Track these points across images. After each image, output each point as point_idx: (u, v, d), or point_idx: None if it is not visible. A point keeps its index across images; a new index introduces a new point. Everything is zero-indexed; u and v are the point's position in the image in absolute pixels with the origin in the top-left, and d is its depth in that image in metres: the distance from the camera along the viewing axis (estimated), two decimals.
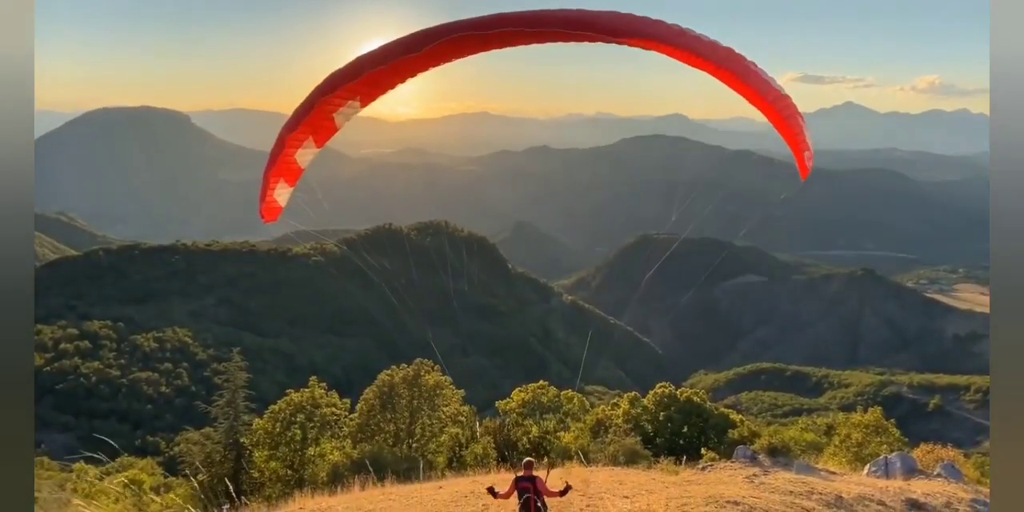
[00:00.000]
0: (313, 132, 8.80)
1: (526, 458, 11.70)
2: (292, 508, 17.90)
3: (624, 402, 37.08)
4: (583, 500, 15.24)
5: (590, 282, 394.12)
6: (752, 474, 18.57)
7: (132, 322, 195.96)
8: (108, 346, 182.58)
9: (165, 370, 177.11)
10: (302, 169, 9.03)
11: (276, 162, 8.75)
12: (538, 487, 10.89)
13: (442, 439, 33.04)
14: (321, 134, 8.90)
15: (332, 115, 8.77)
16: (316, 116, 8.63)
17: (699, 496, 14.36)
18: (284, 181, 8.98)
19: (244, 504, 21.97)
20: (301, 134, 8.72)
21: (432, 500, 16.22)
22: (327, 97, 8.46)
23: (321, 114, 8.63)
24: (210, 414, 32.33)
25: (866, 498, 16.46)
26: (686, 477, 19.14)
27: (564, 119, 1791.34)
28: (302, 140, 8.79)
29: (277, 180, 8.89)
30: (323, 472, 28.23)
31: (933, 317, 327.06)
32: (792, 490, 16.26)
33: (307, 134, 8.76)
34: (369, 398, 33.91)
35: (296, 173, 9.02)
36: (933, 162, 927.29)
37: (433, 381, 34.62)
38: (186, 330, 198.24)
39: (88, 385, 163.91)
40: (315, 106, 8.48)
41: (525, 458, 11.74)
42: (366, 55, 8.37)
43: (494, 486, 12.01)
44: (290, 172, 8.90)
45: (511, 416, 36.50)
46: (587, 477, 18.36)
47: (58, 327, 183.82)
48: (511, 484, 11.24)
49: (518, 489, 11.05)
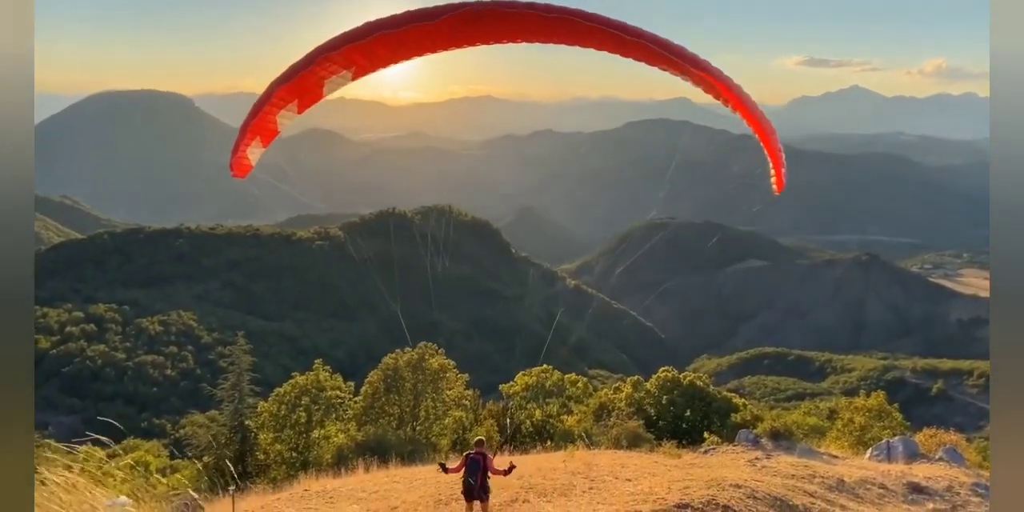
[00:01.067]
0: (300, 95, 8.51)
1: (478, 437, 12.49)
2: (297, 490, 18.03)
3: (627, 386, 37.21)
4: (586, 482, 15.31)
5: (593, 266, 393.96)
6: (754, 458, 18.64)
7: (137, 305, 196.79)
8: (113, 329, 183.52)
9: (170, 353, 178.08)
10: (278, 131, 8.70)
11: (257, 117, 8.41)
12: (485, 464, 11.37)
13: (446, 422, 33.23)
14: (306, 99, 8.62)
15: (324, 81, 8.51)
16: (308, 78, 8.37)
17: (701, 479, 14.42)
18: (260, 139, 8.63)
19: (249, 486, 22.16)
20: (288, 94, 8.44)
21: (436, 482, 16.31)
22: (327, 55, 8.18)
23: (313, 78, 8.36)
24: (215, 397, 32.56)
25: (868, 482, 16.52)
26: (688, 460, 19.23)
27: (569, 103, 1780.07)
28: (288, 101, 8.51)
29: (254, 137, 8.54)
30: (328, 454, 28.42)
31: (937, 302, 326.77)
32: (794, 474, 16.32)
33: (294, 96, 8.49)
34: (374, 381, 34.07)
35: (272, 134, 8.69)
36: (939, 146, 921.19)
37: (437, 364, 34.76)
38: (191, 313, 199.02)
39: (94, 368, 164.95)
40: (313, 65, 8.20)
41: (477, 437, 12.57)
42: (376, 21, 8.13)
43: (444, 462, 12.64)
44: (267, 132, 8.57)
45: (515, 399, 36.67)
46: (590, 460, 18.46)
47: (64, 310, 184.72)
48: (462, 459, 11.70)
49: (467, 464, 11.46)
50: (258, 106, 8.45)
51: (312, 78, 8.32)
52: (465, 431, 31.55)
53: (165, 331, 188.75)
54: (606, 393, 37.83)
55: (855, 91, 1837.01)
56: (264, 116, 8.46)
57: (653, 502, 12.87)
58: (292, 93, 8.45)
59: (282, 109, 8.48)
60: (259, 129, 8.49)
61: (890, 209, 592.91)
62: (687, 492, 13.40)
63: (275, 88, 8.44)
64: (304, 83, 8.36)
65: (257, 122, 8.41)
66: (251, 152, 8.60)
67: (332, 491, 17.15)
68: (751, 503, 13.38)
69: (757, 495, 13.81)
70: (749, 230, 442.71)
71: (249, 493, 19.20)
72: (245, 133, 8.50)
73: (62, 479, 5.61)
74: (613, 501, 13.29)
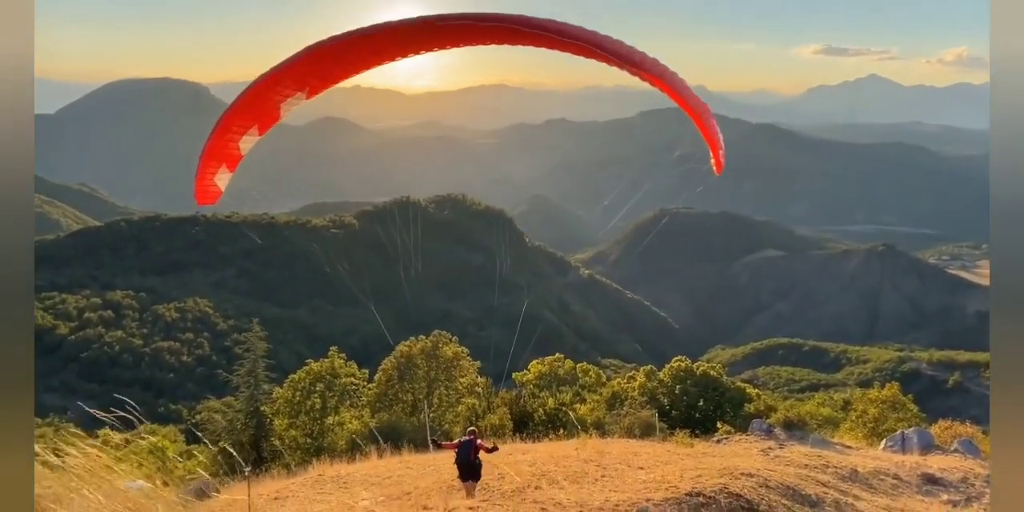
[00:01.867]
0: (259, 120, 8.80)
1: (471, 428, 13.75)
2: (311, 475, 18.20)
3: (640, 375, 37.21)
4: (598, 470, 15.35)
5: (607, 256, 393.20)
6: (767, 447, 18.61)
7: (154, 292, 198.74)
8: (131, 316, 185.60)
9: (187, 340, 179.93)
10: (242, 156, 8.96)
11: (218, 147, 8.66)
12: (476, 444, 12.85)
13: (459, 409, 33.39)
14: (266, 121, 8.88)
15: (280, 105, 8.79)
16: (265, 104, 8.65)
17: (714, 468, 14.41)
18: (226, 166, 8.90)
19: (264, 471, 22.39)
20: (248, 120, 8.73)
21: (449, 469, 16.41)
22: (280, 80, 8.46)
23: (269, 103, 8.65)
24: (231, 383, 32.85)
25: (881, 472, 16.46)
26: (701, 449, 19.22)
27: (583, 91, 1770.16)
28: (247, 127, 8.78)
29: (219, 165, 8.79)
30: (342, 440, 28.64)
31: (955, 293, 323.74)
32: (807, 463, 16.28)
33: (254, 121, 8.76)
34: (387, 369, 34.28)
35: (237, 159, 8.95)
36: (959, 136, 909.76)
37: (451, 352, 34.91)
38: (207, 301, 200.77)
39: (112, 354, 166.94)
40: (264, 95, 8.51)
41: (470, 428, 13.79)
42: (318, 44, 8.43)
43: (439, 439, 14.18)
44: (231, 158, 8.82)
45: (527, 388, 36.77)
46: (602, 448, 18.49)
47: (82, 296, 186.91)
48: (456, 442, 13.15)
49: (460, 446, 12.87)
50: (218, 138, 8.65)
51: (269, 103, 8.59)
52: (478, 419, 31.70)
53: (181, 318, 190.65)
54: (619, 382, 37.85)
55: (873, 80, 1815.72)
56: (225, 143, 8.67)
57: (665, 490, 12.89)
58: (251, 119, 8.71)
59: (243, 135, 8.71)
60: (222, 156, 8.69)
61: (908, 199, 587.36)
62: (699, 480, 13.41)
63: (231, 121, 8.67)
64: (262, 108, 8.61)
65: (217, 150, 8.60)
66: (219, 179, 8.80)
67: (346, 476, 17.29)
68: (763, 492, 13.37)
69: (770, 484, 13.80)
70: (765, 220, 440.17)
71: (264, 478, 19.40)
72: (206, 164, 8.69)
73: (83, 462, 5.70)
74: (625, 489, 13.32)
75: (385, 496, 13.08)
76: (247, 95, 8.56)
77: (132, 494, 5.82)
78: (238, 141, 8.73)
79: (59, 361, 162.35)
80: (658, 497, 12.47)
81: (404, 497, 13.55)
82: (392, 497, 13.06)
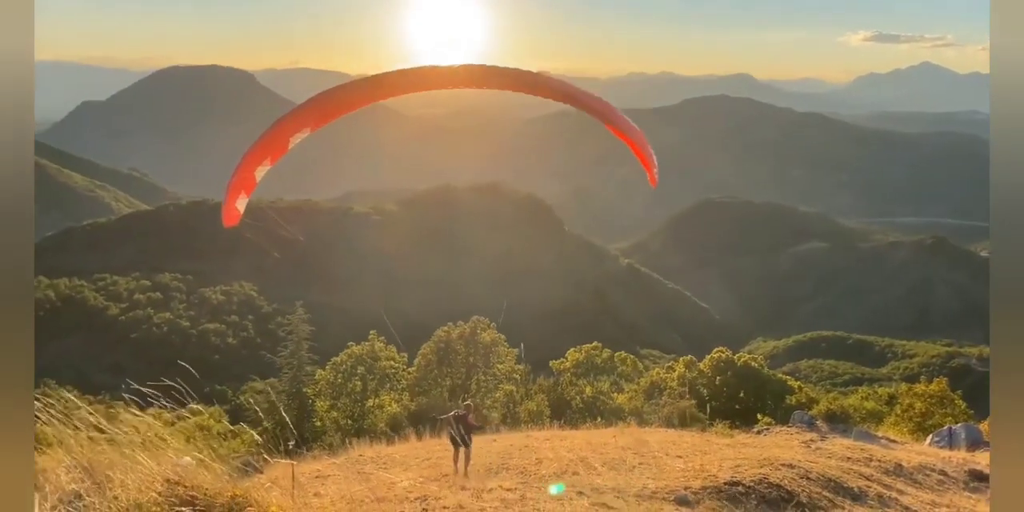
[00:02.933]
0: (272, 153, 10.89)
1: (466, 402, 16.26)
2: (352, 456, 18.51)
3: (679, 366, 36.94)
4: (636, 458, 15.33)
5: (648, 245, 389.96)
6: (809, 439, 18.37)
7: (201, 275, 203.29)
8: (178, 298, 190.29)
9: (232, 322, 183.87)
10: (257, 182, 11.14)
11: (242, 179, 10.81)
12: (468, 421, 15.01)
13: (496, 395, 33.59)
14: (276, 155, 11.01)
15: (289, 139, 10.89)
16: (280, 141, 10.83)
17: (754, 458, 14.29)
18: (244, 193, 11.04)
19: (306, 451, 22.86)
20: (264, 155, 10.85)
21: (487, 451, 16.55)
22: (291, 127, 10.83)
23: (283, 140, 10.86)
24: (275, 365, 33.53)
25: (927, 468, 16.13)
26: (741, 440, 19.06)
27: (625, 78, 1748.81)
28: (263, 160, 10.87)
29: (239, 192, 10.90)
30: (381, 422, 29.05)
31: None
32: (850, 456, 16.02)
33: (268, 155, 10.86)
34: (426, 353, 34.62)
35: (253, 186, 11.09)
36: None
37: (489, 338, 35.08)
38: (251, 284, 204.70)
39: (160, 334, 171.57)
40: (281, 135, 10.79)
41: (465, 402, 16.30)
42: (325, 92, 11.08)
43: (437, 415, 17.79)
44: (249, 186, 10.99)
45: (565, 376, 36.80)
46: (640, 437, 18.46)
47: (132, 278, 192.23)
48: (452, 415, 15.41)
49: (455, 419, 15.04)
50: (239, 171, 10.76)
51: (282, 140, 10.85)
52: (515, 405, 31.84)
53: (227, 300, 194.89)
54: (658, 372, 37.64)
55: (926, 68, 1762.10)
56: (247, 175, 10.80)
57: (704, 479, 12.83)
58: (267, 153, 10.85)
59: (257, 167, 10.84)
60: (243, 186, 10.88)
61: (960, 191, 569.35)
62: (739, 470, 13.31)
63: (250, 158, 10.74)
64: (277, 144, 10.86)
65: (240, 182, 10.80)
66: (239, 203, 11.06)
67: (385, 457, 17.57)
68: (804, 483, 13.22)
69: (811, 476, 13.63)
70: (810, 211, 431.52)
71: (306, 458, 19.80)
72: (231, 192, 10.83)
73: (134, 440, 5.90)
74: (664, 477, 13.29)
75: (424, 477, 13.26)
76: (267, 137, 10.75)
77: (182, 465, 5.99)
78: (253, 172, 10.82)
79: (110, 340, 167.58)
80: (696, 486, 12.42)
81: (442, 478, 13.72)
82: (430, 478, 13.23)
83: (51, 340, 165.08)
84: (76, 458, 5.70)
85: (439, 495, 10.67)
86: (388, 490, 11.20)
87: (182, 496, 5.29)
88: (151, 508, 5.05)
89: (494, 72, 11.89)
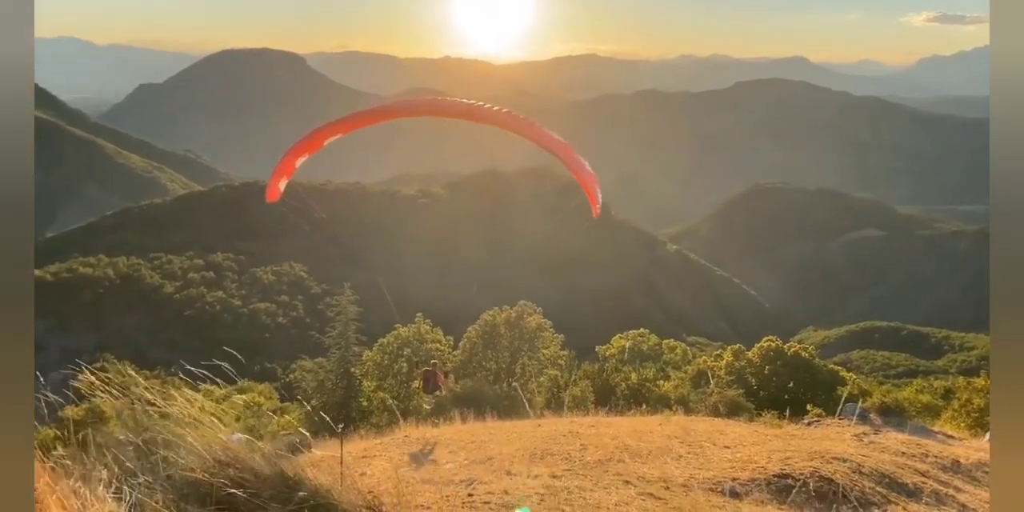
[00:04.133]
0: (310, 150, 12.98)
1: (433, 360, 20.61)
2: (398, 436, 18.70)
3: (727, 354, 36.39)
4: (682, 447, 15.13)
5: (697, 232, 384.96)
6: (861, 433, 17.90)
7: (252, 255, 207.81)
8: (230, 277, 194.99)
9: (282, 302, 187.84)
10: (296, 169, 13.22)
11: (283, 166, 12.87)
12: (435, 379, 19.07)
13: (541, 380, 33.63)
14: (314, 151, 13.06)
15: (323, 142, 12.90)
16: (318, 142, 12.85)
17: (803, 451, 13.97)
18: (285, 177, 13.16)
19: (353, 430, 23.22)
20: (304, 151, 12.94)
21: (532, 436, 16.53)
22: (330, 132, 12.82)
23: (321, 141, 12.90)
24: (323, 344, 34.11)
25: (986, 465, 15.59)
26: (790, 432, 18.68)
27: (676, 61, 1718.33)
28: (301, 154, 12.93)
29: (280, 178, 13.01)
30: (427, 404, 29.33)
31: None
32: (905, 451, 15.56)
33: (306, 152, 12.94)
34: (472, 336, 34.78)
35: (292, 172, 13.18)
36: None
37: (535, 323, 35.07)
38: (301, 265, 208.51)
39: (213, 313, 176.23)
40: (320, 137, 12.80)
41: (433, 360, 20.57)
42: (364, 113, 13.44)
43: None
44: (290, 173, 13.18)
45: (611, 362, 36.62)
46: (687, 425, 18.23)
47: (186, 257, 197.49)
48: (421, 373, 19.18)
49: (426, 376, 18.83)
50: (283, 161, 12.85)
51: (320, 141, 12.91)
52: (560, 390, 31.81)
53: (278, 281, 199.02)
54: (705, 360, 37.15)
55: None
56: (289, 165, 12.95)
57: (752, 470, 12.60)
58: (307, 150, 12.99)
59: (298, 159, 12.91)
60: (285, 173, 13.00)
61: None
62: (788, 462, 13.04)
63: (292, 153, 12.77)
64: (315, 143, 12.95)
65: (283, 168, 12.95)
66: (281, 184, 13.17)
67: (431, 439, 17.69)
68: (856, 478, 12.88)
69: (863, 470, 13.28)
70: (867, 197, 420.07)
71: (353, 437, 20.09)
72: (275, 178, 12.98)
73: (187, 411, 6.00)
74: (711, 467, 13.09)
75: (469, 460, 13.31)
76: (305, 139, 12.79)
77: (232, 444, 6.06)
78: (295, 163, 12.97)
79: (166, 318, 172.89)
80: (744, 477, 12.21)
81: (488, 462, 13.75)
82: (476, 461, 13.27)
83: (111, 317, 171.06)
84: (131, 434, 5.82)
85: (485, 479, 10.67)
86: (434, 472, 11.27)
87: (233, 477, 5.34)
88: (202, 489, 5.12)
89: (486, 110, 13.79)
